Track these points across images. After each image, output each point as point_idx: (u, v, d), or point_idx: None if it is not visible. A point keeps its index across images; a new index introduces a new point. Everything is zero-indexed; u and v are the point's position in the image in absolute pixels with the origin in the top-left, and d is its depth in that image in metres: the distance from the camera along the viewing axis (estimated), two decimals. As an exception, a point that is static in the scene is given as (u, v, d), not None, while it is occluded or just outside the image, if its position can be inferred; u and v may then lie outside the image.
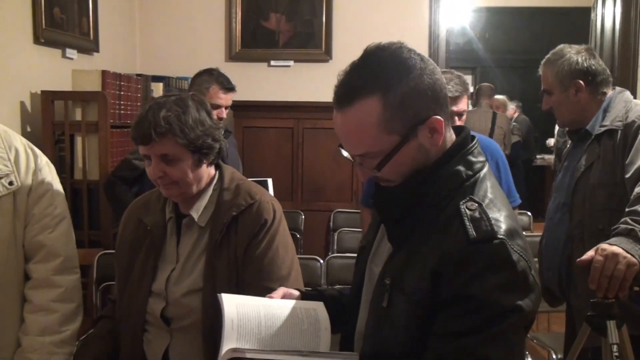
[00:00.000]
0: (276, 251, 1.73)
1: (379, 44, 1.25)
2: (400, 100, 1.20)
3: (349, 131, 1.24)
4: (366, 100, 1.20)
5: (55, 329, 1.70)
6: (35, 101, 3.42)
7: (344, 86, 1.23)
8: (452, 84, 2.49)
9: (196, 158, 1.70)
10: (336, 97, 1.24)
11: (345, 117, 1.23)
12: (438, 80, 1.24)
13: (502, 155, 2.93)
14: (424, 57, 1.25)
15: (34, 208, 1.69)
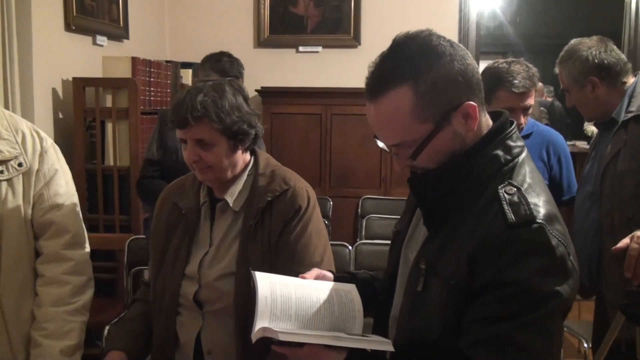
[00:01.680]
0: (309, 237, 1.73)
1: (408, 32, 1.24)
2: (431, 88, 1.19)
3: (383, 122, 1.24)
4: (397, 90, 1.20)
5: (67, 300, 1.74)
6: (66, 88, 3.46)
7: (375, 77, 1.23)
8: (519, 77, 2.36)
9: (232, 143, 1.71)
10: (368, 88, 1.24)
11: (377, 108, 1.23)
12: (469, 65, 1.23)
13: (566, 148, 2.84)
14: (454, 43, 1.24)
15: (42, 188, 1.73)
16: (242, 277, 1.65)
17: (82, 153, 3.43)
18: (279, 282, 1.36)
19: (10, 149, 1.67)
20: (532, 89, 2.45)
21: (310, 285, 1.39)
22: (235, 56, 3.22)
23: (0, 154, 1.65)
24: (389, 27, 4.69)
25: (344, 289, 1.41)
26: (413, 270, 1.30)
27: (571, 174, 2.83)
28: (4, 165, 1.66)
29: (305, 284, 1.39)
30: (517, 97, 2.38)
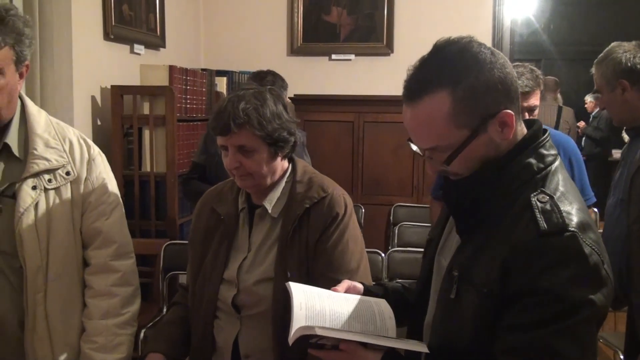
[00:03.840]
0: (346, 244, 1.75)
1: (449, 38, 1.26)
2: (470, 94, 1.20)
3: (419, 125, 1.25)
4: (436, 94, 1.21)
5: (116, 311, 1.76)
6: (105, 95, 3.54)
7: (414, 80, 1.25)
8: (523, 78, 2.45)
9: (272, 150, 1.73)
10: (406, 91, 1.26)
11: (414, 111, 1.24)
12: (509, 74, 1.24)
13: (577, 152, 2.85)
14: (494, 51, 1.25)
15: (90, 196, 1.75)
16: (280, 282, 1.67)
17: (119, 159, 3.50)
18: (311, 292, 1.38)
19: (58, 158, 1.69)
20: (536, 89, 2.54)
21: (341, 297, 1.41)
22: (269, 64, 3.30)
23: (48, 163, 1.67)
24: (422, 34, 4.71)
25: (374, 301, 1.42)
26: (446, 278, 1.31)
27: (584, 177, 2.82)
28: (52, 174, 1.68)
29: (336, 296, 1.41)
30: (521, 97, 2.39)
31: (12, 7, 1.57)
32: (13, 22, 1.53)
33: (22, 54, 1.59)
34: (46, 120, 1.74)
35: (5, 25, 1.51)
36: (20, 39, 1.56)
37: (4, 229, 1.62)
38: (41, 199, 1.65)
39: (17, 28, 1.54)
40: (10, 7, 1.56)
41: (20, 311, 1.65)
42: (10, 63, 1.56)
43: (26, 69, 1.65)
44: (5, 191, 1.64)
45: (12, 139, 1.66)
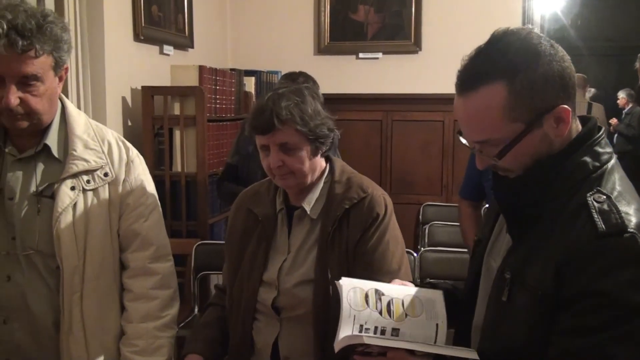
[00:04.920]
0: (387, 245, 1.73)
1: (507, 28, 1.22)
2: (527, 87, 1.17)
3: (471, 117, 1.22)
4: (491, 86, 1.18)
5: (156, 314, 1.76)
6: (136, 96, 3.56)
7: (468, 71, 1.21)
8: None
9: (313, 147, 1.72)
10: (459, 81, 1.22)
11: (467, 102, 1.21)
12: (567, 68, 1.20)
13: None
14: (554, 43, 1.21)
15: (128, 198, 1.74)
16: (321, 284, 1.66)
17: (150, 160, 3.50)
18: (363, 289, 1.36)
19: (96, 159, 1.69)
20: None
21: (393, 292, 1.38)
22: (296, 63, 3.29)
23: (87, 164, 1.67)
24: (450, 31, 4.67)
25: (429, 296, 1.40)
26: (497, 280, 1.28)
27: None
28: (91, 175, 1.68)
29: (389, 290, 1.38)
30: None
31: (49, 12, 1.58)
32: (51, 29, 1.54)
33: (61, 59, 1.60)
34: (86, 121, 1.75)
35: (43, 34, 1.52)
36: (58, 45, 1.57)
37: (42, 229, 1.63)
38: (79, 199, 1.66)
39: (55, 35, 1.55)
40: (48, 13, 1.57)
41: (57, 312, 1.65)
42: (49, 69, 1.57)
43: (65, 71, 1.66)
44: (44, 191, 1.64)
45: (52, 140, 1.67)
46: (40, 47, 1.52)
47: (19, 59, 1.51)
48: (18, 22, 1.48)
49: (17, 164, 1.66)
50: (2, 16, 1.48)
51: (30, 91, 1.55)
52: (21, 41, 1.48)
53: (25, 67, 1.52)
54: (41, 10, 1.55)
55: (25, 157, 1.66)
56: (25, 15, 1.50)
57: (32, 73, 1.53)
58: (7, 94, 1.52)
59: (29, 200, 1.64)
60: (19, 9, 1.50)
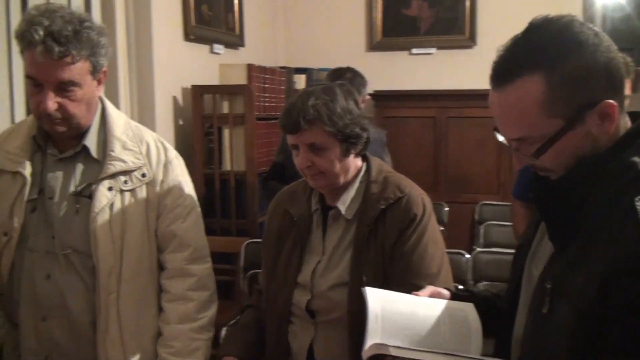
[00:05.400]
0: (425, 247, 1.66)
1: (546, 16, 1.12)
2: (567, 80, 1.07)
3: (506, 112, 1.13)
4: (528, 78, 1.09)
5: (193, 316, 1.74)
6: (186, 95, 3.58)
7: (504, 62, 1.12)
8: None
9: (344, 147, 1.67)
10: (494, 73, 1.13)
11: (502, 96, 1.12)
12: (614, 59, 1.10)
13: None
14: (598, 32, 1.10)
15: (166, 199, 1.74)
16: (356, 287, 1.60)
17: (200, 158, 3.53)
18: (390, 298, 1.30)
19: (134, 160, 1.70)
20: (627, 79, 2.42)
21: (424, 303, 1.32)
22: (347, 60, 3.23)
23: (124, 164, 1.67)
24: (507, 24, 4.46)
25: (460, 308, 1.32)
26: (537, 290, 1.18)
27: None
28: (128, 176, 1.68)
29: (418, 302, 1.32)
30: None
31: (87, 17, 1.58)
32: (87, 34, 1.54)
33: (99, 64, 1.61)
34: (125, 122, 1.76)
35: (80, 40, 1.53)
36: (95, 50, 1.58)
37: (80, 229, 1.64)
38: (116, 200, 1.66)
39: (92, 40, 1.56)
40: (85, 18, 1.57)
41: (94, 311, 1.65)
42: (86, 74, 1.58)
43: (104, 75, 1.66)
44: (83, 191, 1.66)
45: (91, 141, 1.68)
46: (77, 53, 1.53)
47: (56, 65, 1.52)
48: (54, 28, 1.49)
49: (57, 164, 1.68)
50: (39, 23, 1.49)
51: (68, 96, 1.57)
52: (57, 48, 1.49)
53: (62, 73, 1.53)
54: (78, 15, 1.56)
55: (66, 158, 1.68)
56: (62, 22, 1.51)
57: (69, 79, 1.55)
58: (45, 99, 1.53)
59: (68, 200, 1.66)
60: (56, 15, 1.51)
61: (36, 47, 1.49)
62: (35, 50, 1.49)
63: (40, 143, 1.69)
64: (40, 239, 1.65)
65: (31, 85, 1.56)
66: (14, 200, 1.64)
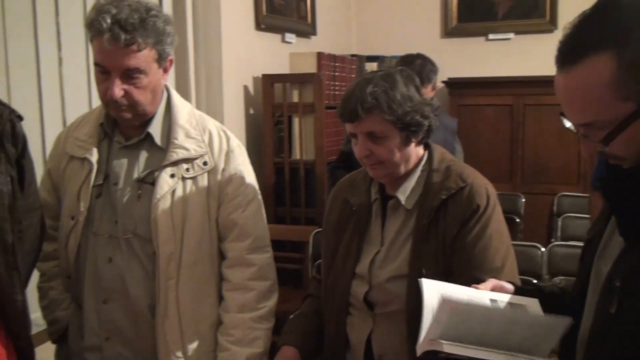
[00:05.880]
0: (489, 240, 1.58)
1: None
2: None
3: (573, 95, 1.05)
4: (596, 57, 1.00)
5: (253, 305, 1.74)
6: (257, 84, 3.61)
7: (570, 41, 1.04)
8: None
9: (404, 136, 1.62)
10: (559, 54, 1.05)
11: (569, 78, 1.04)
12: None
13: None
14: None
15: (227, 187, 1.74)
16: (415, 279, 1.54)
17: (270, 147, 3.56)
18: (449, 291, 1.25)
19: (196, 148, 1.71)
20: None
21: (484, 297, 1.25)
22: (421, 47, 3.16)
23: (187, 152, 1.69)
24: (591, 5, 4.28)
25: (524, 303, 1.25)
26: (606, 288, 1.10)
27: None
28: (190, 164, 1.69)
29: (478, 296, 1.26)
30: None
31: (154, 6, 1.61)
32: (153, 22, 1.57)
33: (164, 52, 1.63)
34: (189, 111, 1.78)
35: (146, 28, 1.55)
36: (160, 39, 1.60)
37: (142, 215, 1.66)
38: (178, 187, 1.68)
39: (157, 28, 1.58)
40: (152, 6, 1.60)
41: (153, 296, 1.68)
42: (152, 62, 1.61)
43: (170, 63, 1.68)
44: (145, 178, 1.68)
45: (155, 128, 1.71)
46: (143, 41, 1.55)
47: (123, 53, 1.55)
48: (121, 16, 1.52)
49: (122, 151, 1.72)
50: (106, 11, 1.52)
51: (134, 83, 1.59)
52: (124, 35, 1.52)
53: (129, 61, 1.56)
54: (145, 4, 1.59)
55: (131, 145, 1.71)
56: (129, 10, 1.54)
57: (135, 66, 1.57)
58: (111, 86, 1.57)
59: (131, 186, 1.69)
60: (123, 4, 1.54)
61: (104, 35, 1.52)
62: (103, 38, 1.53)
63: (107, 130, 1.73)
64: (104, 224, 1.69)
65: (99, 73, 1.60)
66: (81, 185, 1.69)
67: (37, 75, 2.44)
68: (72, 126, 1.83)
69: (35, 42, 2.42)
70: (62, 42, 2.48)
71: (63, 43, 2.48)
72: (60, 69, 2.52)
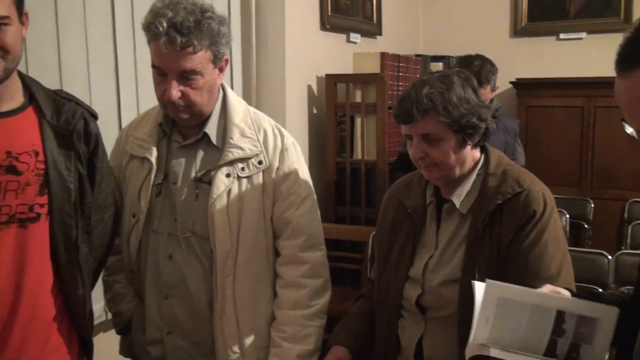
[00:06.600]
0: (545, 246, 1.54)
1: None
2: None
3: (632, 102, 1.02)
4: None
5: (305, 303, 1.76)
6: (320, 84, 3.63)
7: (631, 44, 1.01)
8: None
9: (460, 138, 1.60)
10: (619, 58, 1.02)
11: (628, 83, 1.01)
12: None
13: None
14: None
15: (281, 185, 1.76)
16: (468, 284, 1.53)
17: (332, 147, 3.57)
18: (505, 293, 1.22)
19: (251, 147, 1.73)
20: None
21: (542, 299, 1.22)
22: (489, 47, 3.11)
23: (242, 152, 1.72)
24: (669, 5, 4.10)
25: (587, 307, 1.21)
26: None
27: None
28: (245, 163, 1.72)
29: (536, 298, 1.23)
30: None
31: (208, 8, 1.63)
32: (208, 24, 1.59)
33: (219, 53, 1.66)
34: (244, 110, 1.80)
35: (201, 30, 1.58)
36: (216, 40, 1.63)
37: (199, 213, 1.70)
38: (234, 186, 1.71)
39: (212, 29, 1.61)
40: (207, 8, 1.62)
41: (211, 292, 1.72)
42: (207, 63, 1.64)
43: (225, 62, 1.71)
44: (202, 177, 1.72)
45: (212, 128, 1.74)
46: (199, 43, 1.58)
47: (179, 55, 1.58)
48: (177, 20, 1.55)
49: (180, 151, 1.76)
50: (163, 14, 1.56)
51: (190, 85, 1.63)
52: (180, 38, 1.56)
53: (185, 63, 1.59)
54: (200, 6, 1.62)
55: (188, 144, 1.76)
56: (185, 13, 1.57)
57: (192, 68, 1.61)
58: (169, 88, 1.61)
59: (189, 185, 1.73)
60: (179, 7, 1.58)
61: (160, 39, 1.56)
62: (160, 41, 1.56)
63: (165, 130, 1.77)
64: (164, 222, 1.74)
65: (156, 75, 1.65)
66: (142, 184, 1.74)
67: (115, 74, 2.53)
68: (132, 125, 1.88)
69: (114, 42, 2.50)
70: (137, 43, 2.55)
71: (137, 43, 2.55)
72: (136, 67, 2.60)
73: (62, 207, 1.50)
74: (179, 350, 1.77)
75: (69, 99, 1.58)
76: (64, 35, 2.29)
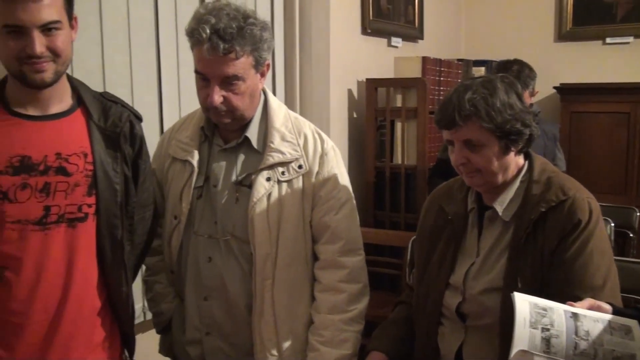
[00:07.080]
0: (590, 256, 1.51)
1: None
2: None
3: None
4: None
5: (343, 307, 1.76)
6: (360, 88, 3.63)
7: None
8: None
9: (503, 145, 1.57)
10: None
11: None
12: None
13: None
14: None
15: (321, 190, 1.76)
16: (510, 293, 1.51)
17: (372, 151, 3.57)
18: (542, 305, 1.21)
19: (291, 151, 1.74)
20: None
21: (578, 315, 1.21)
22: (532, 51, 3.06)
23: (282, 156, 1.73)
24: None
25: (624, 324, 1.19)
26: None
27: None
28: (286, 167, 1.73)
29: (573, 313, 1.21)
30: None
31: (251, 14, 1.65)
32: (251, 30, 1.61)
33: (261, 58, 1.68)
34: (285, 114, 1.81)
35: (243, 36, 1.60)
36: (257, 46, 1.64)
37: (240, 217, 1.72)
38: (274, 190, 1.72)
39: (254, 35, 1.62)
40: (249, 14, 1.64)
41: (250, 295, 1.73)
42: (249, 68, 1.66)
43: (267, 67, 1.73)
44: (243, 181, 1.74)
45: (253, 132, 1.76)
46: (241, 49, 1.60)
47: (222, 61, 1.61)
48: (220, 26, 1.57)
49: (222, 154, 1.78)
50: (206, 21, 1.58)
51: (232, 90, 1.65)
52: (222, 44, 1.57)
53: (227, 69, 1.62)
54: (243, 12, 1.63)
55: (229, 148, 1.77)
56: (228, 19, 1.59)
57: (234, 73, 1.63)
58: (211, 93, 1.63)
59: (230, 188, 1.75)
60: (222, 13, 1.59)
61: (203, 45, 1.58)
62: (203, 47, 1.58)
63: (207, 134, 1.79)
64: (204, 224, 1.76)
65: (199, 80, 1.67)
66: (183, 186, 1.77)
67: (158, 79, 2.57)
68: (175, 128, 1.91)
69: (157, 47, 2.55)
70: (179, 47, 2.59)
71: (180, 48, 2.59)
72: (178, 71, 2.64)
73: (108, 208, 1.54)
74: (218, 351, 1.79)
75: (115, 102, 1.62)
76: (108, 40, 2.34)
